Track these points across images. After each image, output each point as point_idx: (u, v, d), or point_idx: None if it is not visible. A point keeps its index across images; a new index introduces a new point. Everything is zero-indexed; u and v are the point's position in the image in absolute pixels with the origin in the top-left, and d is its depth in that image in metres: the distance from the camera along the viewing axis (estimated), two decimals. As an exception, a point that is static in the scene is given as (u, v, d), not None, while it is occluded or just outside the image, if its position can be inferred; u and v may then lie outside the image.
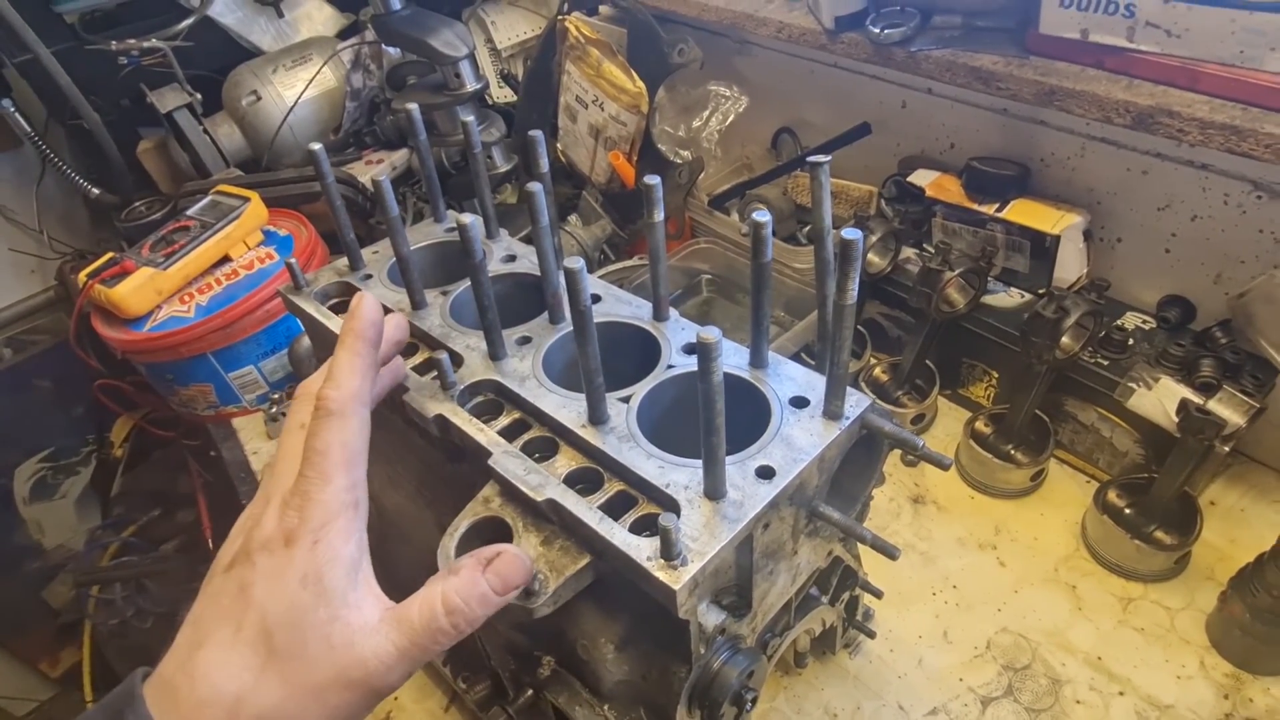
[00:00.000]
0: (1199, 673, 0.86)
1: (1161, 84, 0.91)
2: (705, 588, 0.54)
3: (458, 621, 0.42)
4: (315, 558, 0.41)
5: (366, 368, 0.45)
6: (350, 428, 0.43)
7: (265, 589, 0.40)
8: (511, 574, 0.45)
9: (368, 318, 0.47)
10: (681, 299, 1.40)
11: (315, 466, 0.42)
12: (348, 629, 0.41)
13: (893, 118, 1.31)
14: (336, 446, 0.42)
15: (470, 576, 0.44)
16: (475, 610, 0.43)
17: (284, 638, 0.39)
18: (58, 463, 2.01)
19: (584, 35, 1.43)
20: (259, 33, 1.77)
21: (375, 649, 0.41)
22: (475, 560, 0.44)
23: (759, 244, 0.56)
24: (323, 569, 0.41)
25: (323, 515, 0.41)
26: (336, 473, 0.42)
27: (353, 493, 0.43)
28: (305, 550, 0.41)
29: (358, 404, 0.44)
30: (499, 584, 0.44)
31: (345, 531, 0.42)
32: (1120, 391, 0.97)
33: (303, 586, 0.40)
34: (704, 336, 0.44)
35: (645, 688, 0.59)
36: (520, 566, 0.45)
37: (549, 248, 0.66)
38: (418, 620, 0.42)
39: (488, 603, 0.44)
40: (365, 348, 0.46)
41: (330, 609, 0.40)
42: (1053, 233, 1.08)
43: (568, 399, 0.61)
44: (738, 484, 0.53)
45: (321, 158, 0.71)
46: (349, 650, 0.40)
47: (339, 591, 0.41)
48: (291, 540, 0.41)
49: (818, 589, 0.74)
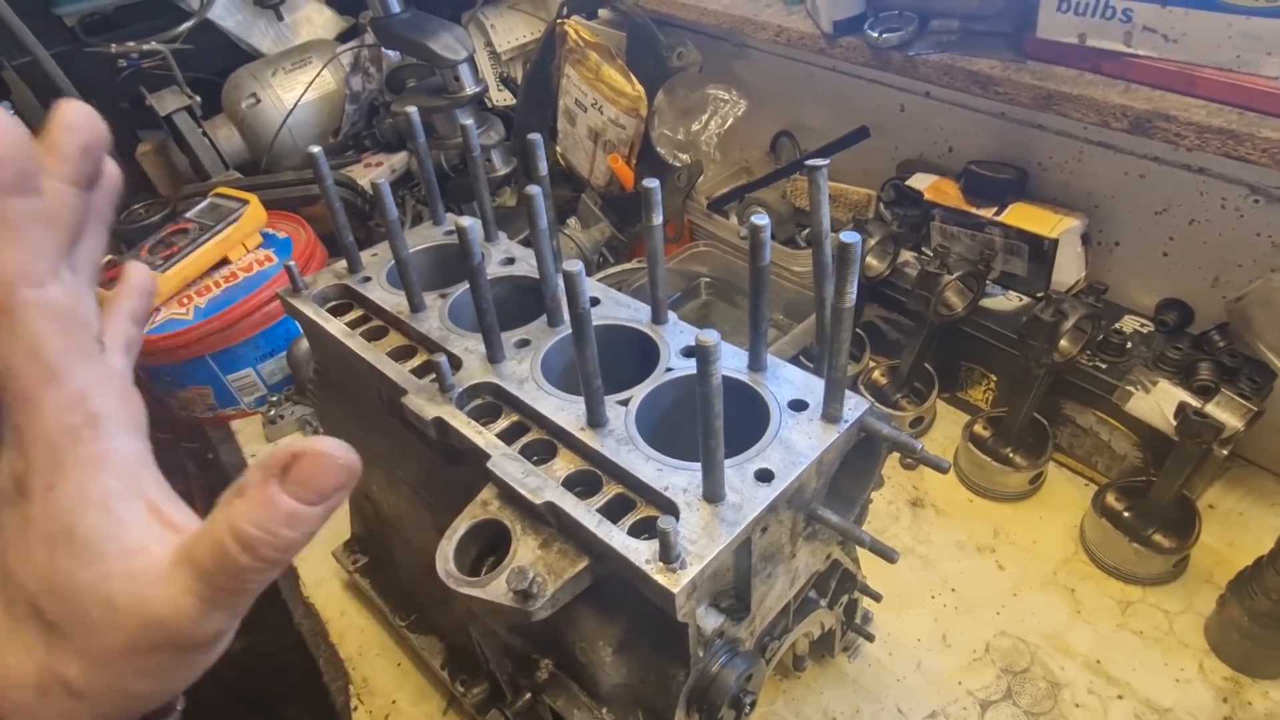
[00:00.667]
0: (1198, 676, 0.86)
1: (1159, 88, 0.92)
2: (704, 591, 0.54)
3: (263, 554, 0.31)
4: (55, 507, 0.31)
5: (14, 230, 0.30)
6: (28, 326, 0.30)
7: (16, 556, 0.32)
8: (320, 477, 0.32)
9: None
10: (680, 302, 1.40)
11: (9, 391, 0.31)
12: (131, 582, 0.31)
13: (891, 121, 1.31)
14: (20, 359, 0.30)
15: (263, 494, 0.31)
16: (284, 534, 0.31)
17: (54, 609, 0.31)
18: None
19: (583, 39, 1.43)
20: (259, 36, 1.78)
21: (171, 602, 0.31)
22: (263, 473, 0.32)
23: (757, 247, 0.56)
24: (70, 519, 0.31)
25: (46, 451, 0.31)
26: (38, 391, 0.31)
27: (80, 408, 0.32)
28: (41, 501, 0.31)
29: (26, 287, 0.30)
30: (309, 494, 0.32)
31: (87, 461, 0.32)
32: (1118, 395, 0.97)
33: (51, 547, 0.31)
34: (703, 339, 0.44)
35: (643, 691, 0.59)
36: (331, 465, 0.32)
37: (548, 251, 0.66)
38: (210, 561, 0.31)
39: (299, 519, 0.32)
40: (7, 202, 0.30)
41: (99, 565, 0.31)
42: (1051, 236, 1.09)
43: (566, 402, 0.61)
44: (736, 487, 0.53)
45: (321, 160, 0.71)
46: (139, 608, 0.31)
47: (101, 539, 0.31)
48: (24, 489, 0.32)
49: (816, 592, 0.74)
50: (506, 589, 0.50)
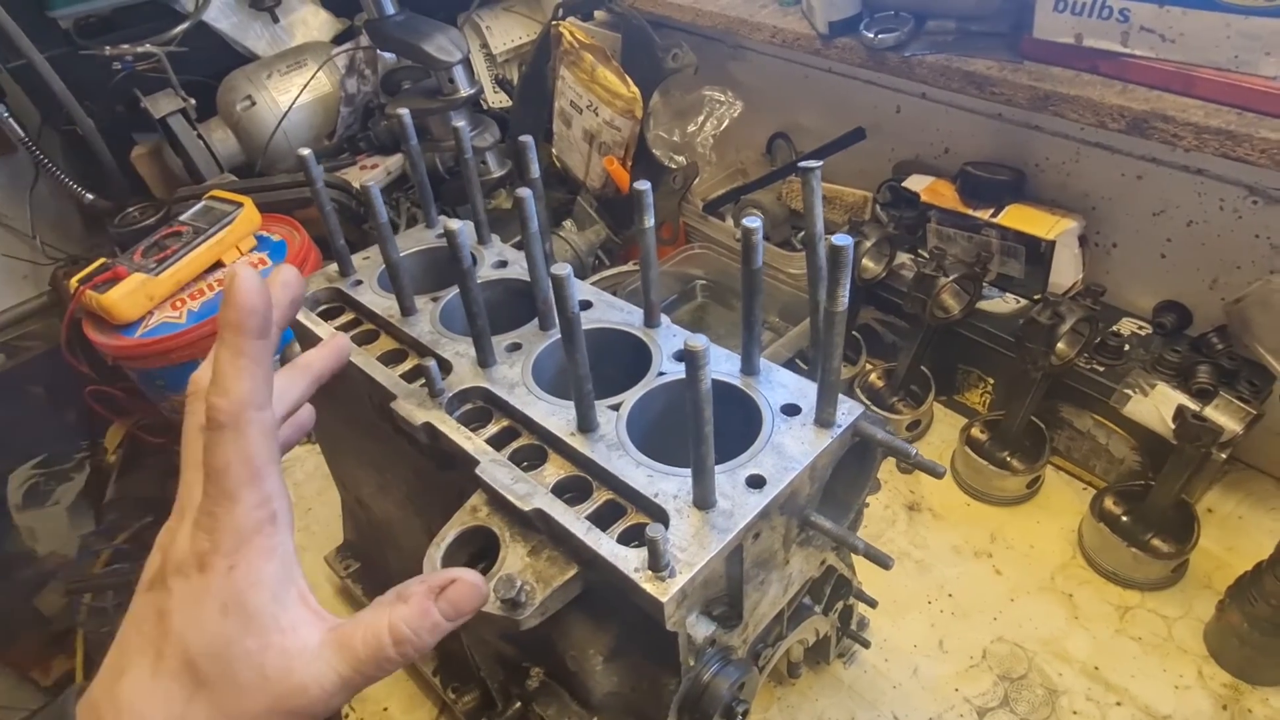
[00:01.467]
0: (1197, 682, 0.85)
1: (1156, 89, 0.91)
2: (694, 599, 0.53)
3: (406, 651, 0.40)
4: (233, 583, 0.38)
5: (255, 365, 0.39)
6: (248, 439, 0.38)
7: (184, 618, 0.38)
8: (466, 603, 0.42)
9: (247, 305, 0.38)
10: (676, 304, 1.39)
11: (217, 486, 0.38)
12: (283, 656, 0.38)
13: (887, 123, 1.31)
14: (237, 463, 0.38)
15: (421, 606, 0.41)
16: (425, 639, 0.41)
17: (210, 669, 0.37)
18: (50, 469, 2.00)
19: (578, 40, 1.43)
20: (254, 38, 1.77)
21: (316, 676, 0.39)
22: (427, 589, 0.42)
23: (749, 250, 0.56)
24: (244, 595, 0.38)
25: (234, 538, 0.38)
26: (241, 490, 0.38)
27: (266, 507, 0.39)
28: (221, 576, 0.38)
29: (252, 410, 0.39)
30: (451, 612, 0.42)
31: (264, 551, 0.39)
32: (1116, 398, 0.96)
33: (224, 615, 0.38)
34: (691, 345, 0.43)
35: (635, 699, 0.59)
36: (475, 595, 0.43)
37: (539, 254, 0.65)
38: (362, 649, 0.40)
39: (439, 631, 0.42)
40: (248, 342, 0.39)
41: (260, 637, 0.38)
42: (1048, 238, 1.08)
43: (557, 407, 0.60)
44: (727, 493, 0.52)
45: (311, 163, 0.70)
46: (286, 678, 0.38)
47: (266, 616, 0.38)
48: (205, 566, 0.38)
49: (811, 598, 0.73)
50: (494, 597, 0.50)
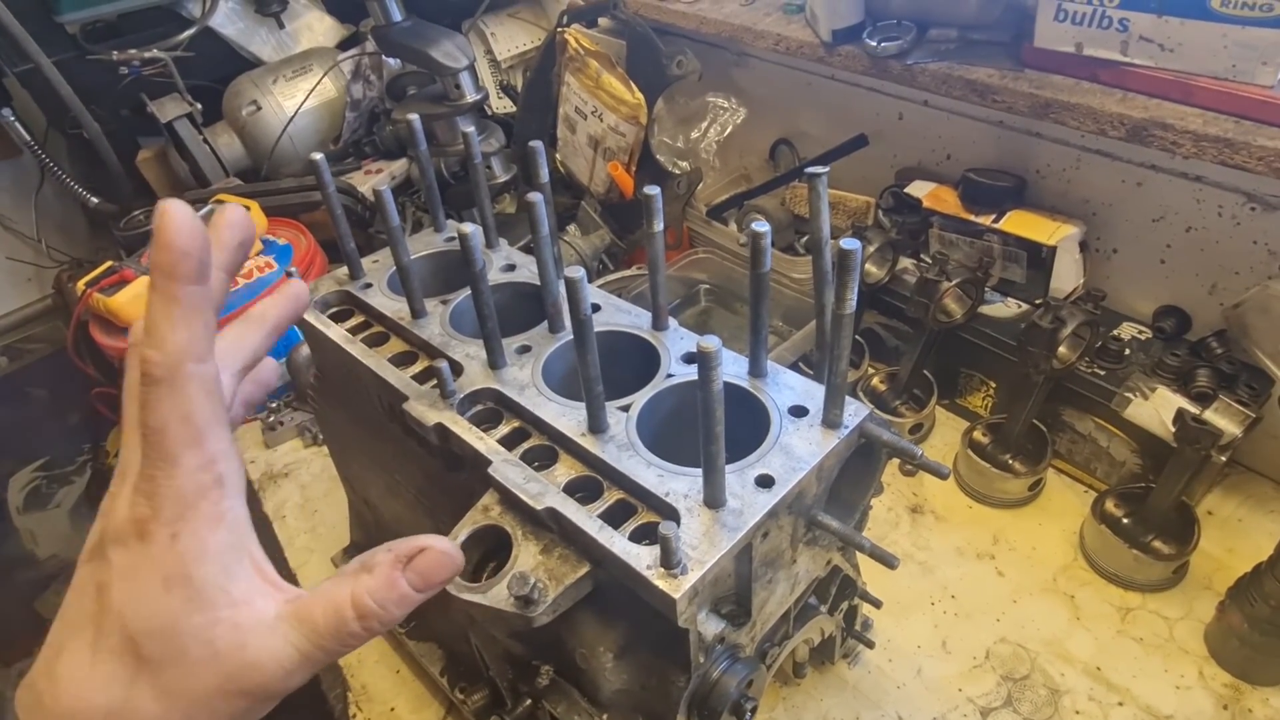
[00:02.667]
0: (1198, 683, 0.86)
1: (1155, 97, 0.92)
2: (705, 596, 0.54)
3: (370, 625, 0.37)
4: (176, 554, 0.35)
5: (191, 313, 0.35)
6: (187, 394, 0.34)
7: (123, 593, 0.35)
8: (435, 571, 0.39)
9: (178, 246, 0.34)
10: (680, 309, 1.40)
11: (155, 447, 0.35)
12: (235, 630, 0.35)
13: (890, 129, 1.32)
14: (174, 421, 0.34)
15: (387, 577, 0.38)
16: (392, 612, 0.38)
17: (154, 647, 0.34)
18: (52, 472, 2.01)
19: (583, 47, 1.44)
20: (259, 43, 1.79)
21: (273, 652, 0.36)
22: (394, 557, 0.39)
23: (758, 254, 0.57)
24: (189, 566, 0.35)
25: (176, 504, 0.35)
26: (182, 452, 0.35)
27: (210, 470, 0.35)
28: (162, 546, 0.35)
29: (190, 363, 0.35)
30: (420, 582, 0.39)
31: (209, 517, 0.35)
32: (1117, 401, 0.97)
33: (167, 589, 0.34)
34: (704, 345, 0.44)
35: (644, 697, 0.59)
36: (447, 564, 0.39)
37: (549, 257, 0.66)
38: (323, 622, 0.37)
39: (407, 603, 0.38)
40: (183, 288, 0.34)
41: (207, 612, 0.35)
42: (1049, 243, 1.09)
43: (567, 408, 0.61)
44: (737, 493, 0.53)
45: (323, 167, 0.71)
46: (238, 654, 0.35)
47: (214, 589, 0.35)
48: (145, 534, 0.35)
49: (816, 598, 0.74)
50: (507, 594, 0.50)
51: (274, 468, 1.25)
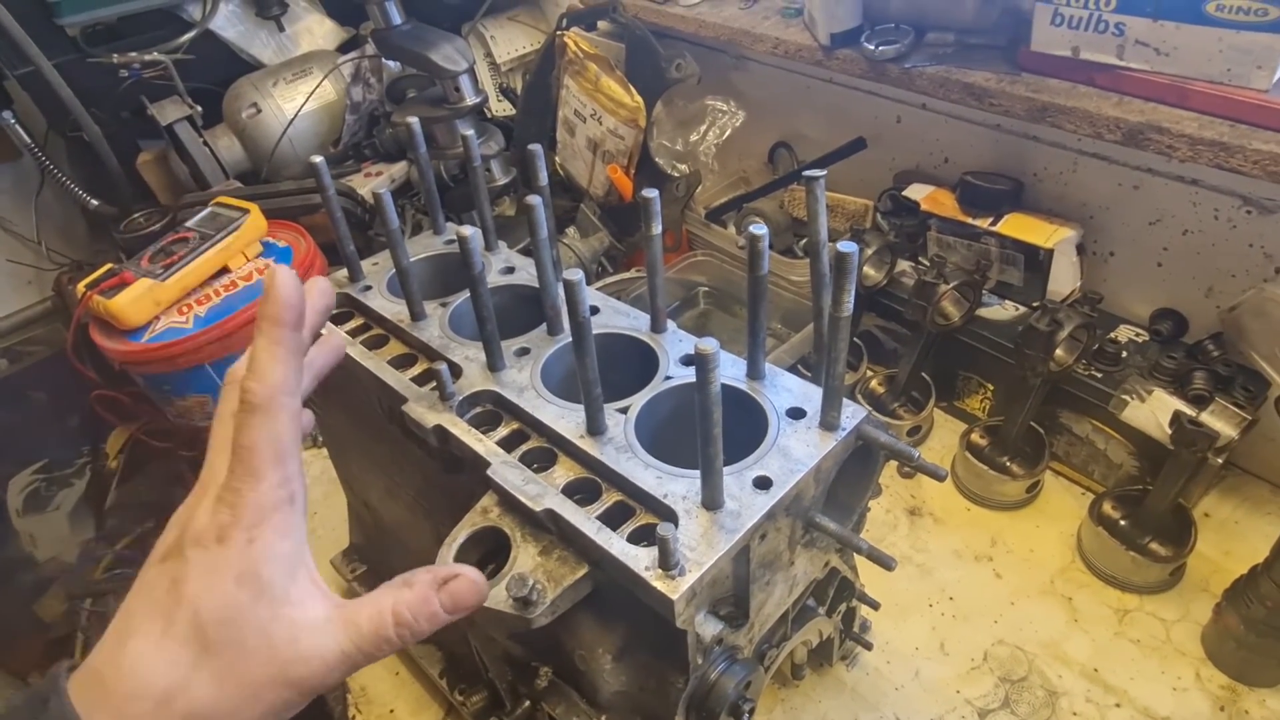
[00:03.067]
0: (1195, 684, 0.86)
1: (1151, 101, 0.93)
2: (703, 598, 0.54)
3: (404, 634, 0.42)
4: (251, 555, 0.40)
5: (289, 355, 0.42)
6: (278, 422, 0.41)
7: (199, 585, 0.39)
8: (465, 598, 0.44)
9: (284, 299, 0.42)
10: (679, 311, 1.40)
11: (244, 464, 0.40)
12: (291, 626, 0.40)
13: (888, 133, 1.33)
14: (265, 443, 0.40)
15: (424, 594, 0.43)
16: (422, 626, 0.43)
17: (219, 634, 0.39)
18: (52, 474, 2.00)
19: (582, 50, 1.45)
20: (260, 46, 1.79)
21: (320, 648, 0.40)
22: (432, 578, 0.44)
23: (755, 257, 0.57)
24: (259, 566, 0.40)
25: (256, 513, 0.40)
26: (266, 469, 0.40)
27: (286, 488, 0.41)
28: (240, 548, 0.40)
29: (283, 396, 0.41)
30: (450, 605, 0.44)
31: (281, 528, 0.41)
32: (1114, 404, 0.98)
33: (239, 585, 0.39)
34: (702, 348, 0.45)
35: (643, 698, 0.59)
36: (475, 593, 0.45)
37: (548, 260, 0.66)
38: (366, 627, 0.42)
39: (436, 622, 0.44)
40: (285, 334, 0.42)
41: (271, 607, 0.40)
42: (1046, 246, 1.09)
43: (566, 410, 0.61)
44: (735, 494, 0.53)
45: (323, 170, 0.71)
46: (291, 647, 0.40)
47: (279, 588, 0.40)
48: (225, 537, 0.40)
49: (814, 600, 0.74)
50: (506, 596, 0.51)
51: (273, 470, 1.25)
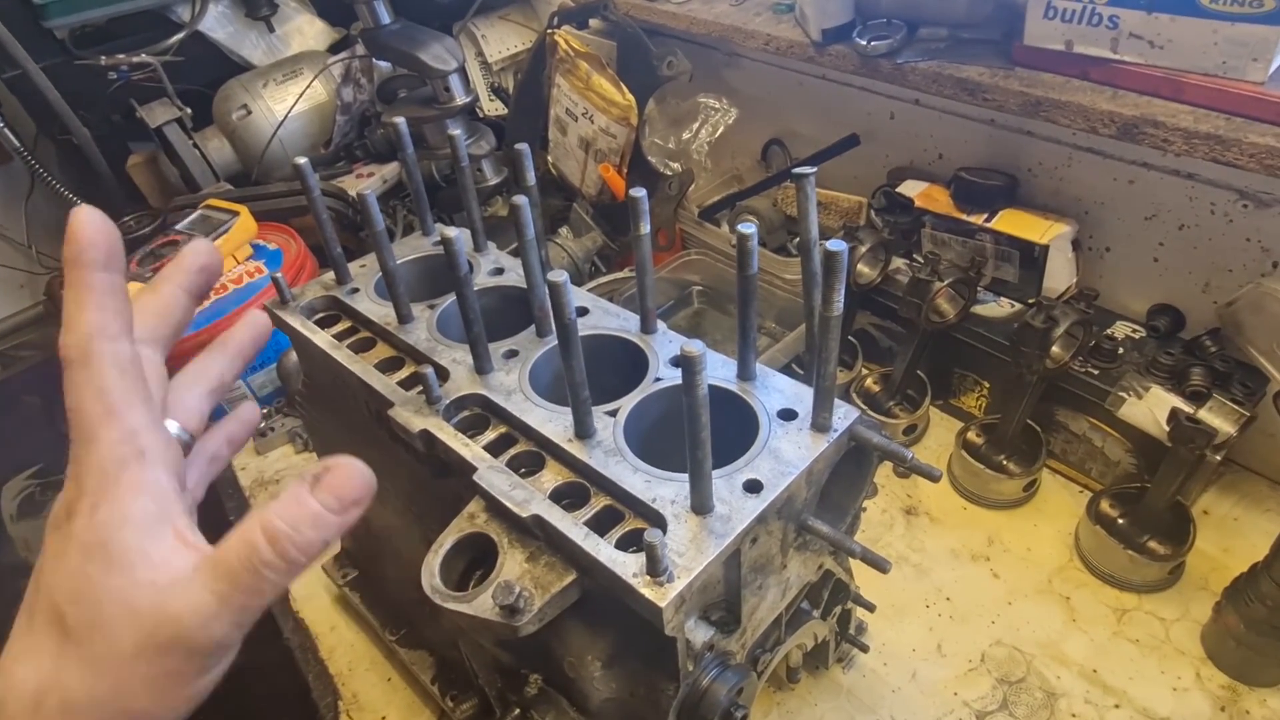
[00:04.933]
0: (1195, 684, 0.86)
1: (1146, 94, 0.92)
2: (693, 603, 0.53)
3: (285, 549, 0.36)
4: (95, 525, 0.36)
5: (100, 295, 0.37)
6: (98, 371, 0.36)
7: (49, 569, 0.36)
8: (348, 487, 0.38)
9: (82, 237, 0.37)
10: (672, 310, 1.39)
11: (76, 429, 0.36)
12: (154, 589, 0.36)
13: (881, 129, 1.32)
14: (89, 399, 0.36)
15: (295, 494, 0.37)
16: (307, 533, 0.36)
17: (75, 614, 0.35)
18: (46, 479, 1.99)
19: (573, 48, 1.44)
20: (249, 47, 1.78)
21: (189, 602, 0.36)
22: (300, 479, 0.38)
23: (744, 256, 0.56)
24: (108, 533, 0.36)
25: (97, 478, 0.36)
26: (98, 428, 0.36)
27: (130, 443, 0.37)
28: (85, 520, 0.36)
29: (101, 340, 0.36)
30: (333, 501, 0.37)
31: (132, 486, 0.36)
32: (1111, 401, 0.97)
33: (87, 558, 0.35)
34: (687, 350, 0.44)
35: (633, 705, 0.59)
36: (356, 476, 0.38)
37: (535, 261, 0.66)
38: (235, 559, 0.36)
39: (322, 523, 0.37)
40: (90, 274, 0.37)
41: (127, 575, 0.35)
42: (1041, 242, 1.09)
43: (554, 413, 0.60)
44: (725, 498, 0.52)
45: (307, 172, 0.70)
46: (158, 610, 0.35)
47: (133, 553, 0.36)
48: (72, 512, 0.36)
49: (809, 603, 0.74)
50: (492, 604, 0.50)
51: (265, 474, 1.24)
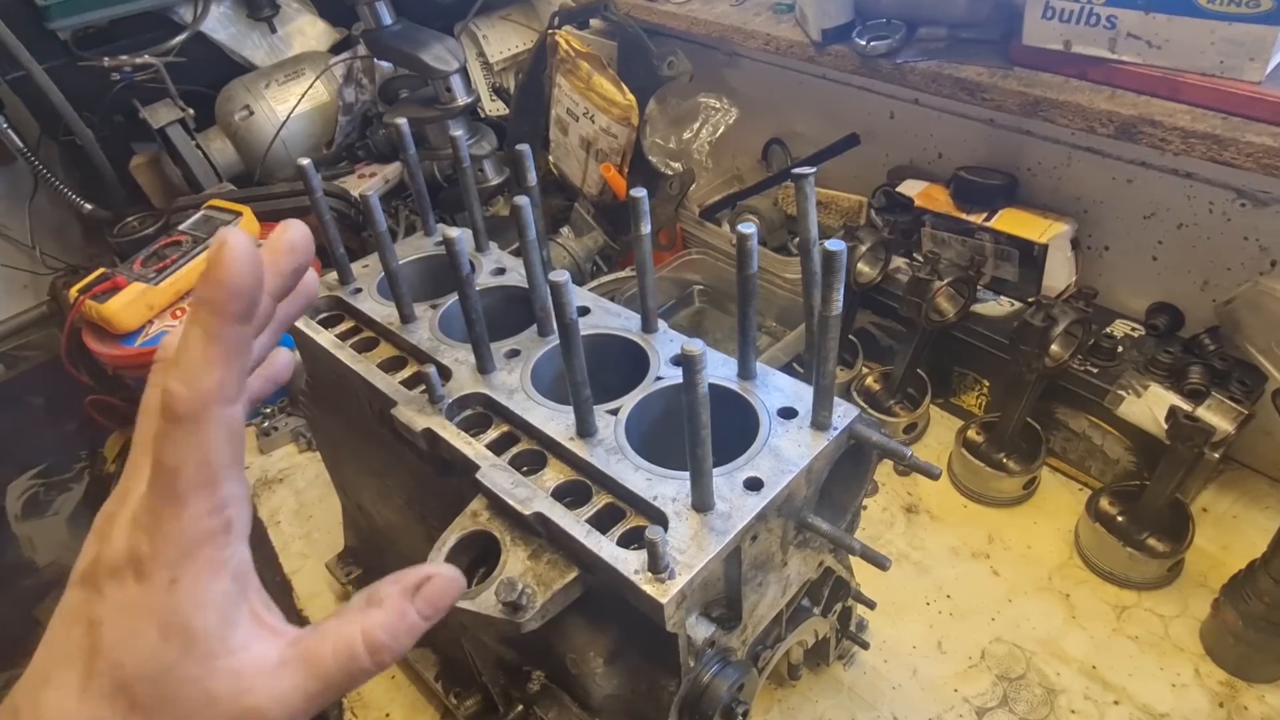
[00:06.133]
0: (1194, 681, 0.86)
1: (1144, 94, 0.92)
2: (694, 600, 0.53)
3: (383, 659, 0.36)
4: (175, 600, 0.33)
5: (229, 355, 0.32)
6: (209, 437, 0.33)
7: (117, 633, 0.33)
8: (443, 598, 0.39)
9: (231, 283, 0.32)
10: (674, 310, 1.40)
11: (164, 484, 0.33)
12: (234, 678, 0.34)
13: (881, 128, 1.32)
14: (191, 464, 0.33)
15: (398, 608, 0.37)
16: (403, 643, 0.37)
17: (147, 694, 0.33)
18: (50, 479, 2.00)
19: (574, 49, 1.44)
20: (251, 48, 1.78)
21: (276, 697, 0.34)
22: (401, 589, 0.38)
23: (744, 256, 0.56)
24: (188, 617, 0.33)
25: (178, 548, 0.33)
26: (192, 495, 0.33)
27: (219, 515, 0.34)
28: (161, 590, 0.33)
29: (218, 405, 0.33)
30: (429, 611, 0.38)
31: (212, 564, 0.34)
32: (1110, 399, 0.97)
33: (164, 638, 0.33)
34: (688, 349, 0.44)
35: (635, 702, 0.59)
36: (452, 589, 0.39)
37: (537, 260, 0.66)
38: (333, 662, 0.35)
39: (416, 633, 0.38)
40: (227, 327, 0.32)
41: (206, 662, 0.33)
42: (1040, 241, 1.09)
43: (556, 412, 0.61)
44: (726, 496, 0.53)
45: (310, 173, 0.71)
46: (239, 700, 0.34)
47: (213, 639, 0.34)
48: (142, 574, 0.33)
49: (809, 600, 0.74)
50: (495, 601, 0.50)
51: (269, 473, 1.25)
